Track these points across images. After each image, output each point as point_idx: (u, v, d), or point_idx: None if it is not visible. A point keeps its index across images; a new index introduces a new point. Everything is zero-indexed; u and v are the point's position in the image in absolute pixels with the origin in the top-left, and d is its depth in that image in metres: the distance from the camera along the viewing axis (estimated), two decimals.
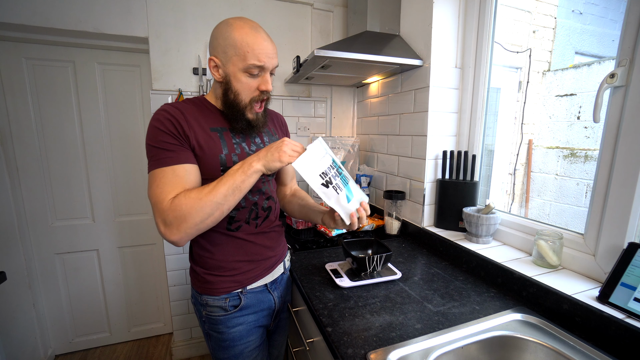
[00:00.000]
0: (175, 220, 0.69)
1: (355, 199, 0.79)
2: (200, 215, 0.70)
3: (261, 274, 0.91)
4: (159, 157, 0.73)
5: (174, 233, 0.70)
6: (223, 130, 0.83)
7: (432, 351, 0.68)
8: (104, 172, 1.73)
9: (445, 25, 1.24)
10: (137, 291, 1.90)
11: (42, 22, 1.36)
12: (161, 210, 0.70)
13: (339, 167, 0.79)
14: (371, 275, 0.99)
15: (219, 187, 0.71)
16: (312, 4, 1.72)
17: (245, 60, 0.75)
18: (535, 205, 2.42)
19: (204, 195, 0.70)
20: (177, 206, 0.69)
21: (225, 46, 0.76)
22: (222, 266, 0.85)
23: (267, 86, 0.79)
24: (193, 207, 0.69)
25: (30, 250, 1.66)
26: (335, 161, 0.79)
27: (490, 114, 1.27)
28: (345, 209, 0.77)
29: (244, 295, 0.88)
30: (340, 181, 0.77)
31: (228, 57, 0.76)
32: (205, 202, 0.70)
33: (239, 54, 0.75)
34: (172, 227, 0.70)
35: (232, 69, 0.77)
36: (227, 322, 0.87)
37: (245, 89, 0.78)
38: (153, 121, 0.75)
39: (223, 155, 0.80)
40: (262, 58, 0.76)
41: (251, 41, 0.75)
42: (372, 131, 1.73)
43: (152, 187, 0.72)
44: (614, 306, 0.72)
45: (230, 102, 0.80)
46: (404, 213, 1.45)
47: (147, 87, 1.72)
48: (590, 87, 2.14)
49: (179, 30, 1.53)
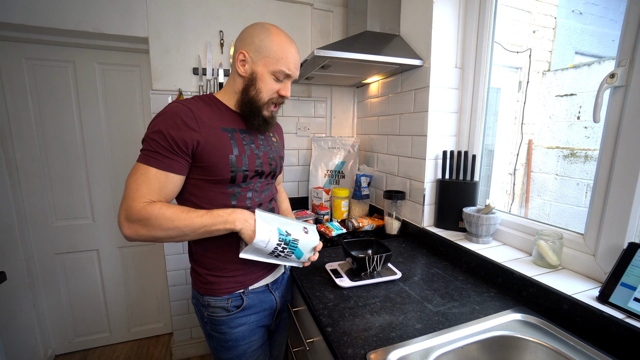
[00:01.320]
0: (139, 223, 0.71)
1: (306, 254, 0.86)
2: (162, 233, 0.72)
3: (263, 274, 0.92)
4: (149, 154, 0.73)
5: (130, 230, 0.71)
6: (234, 131, 0.84)
7: (432, 351, 0.68)
8: (104, 172, 1.73)
9: (445, 25, 1.24)
10: (137, 291, 1.90)
11: (42, 22, 1.36)
12: (130, 207, 0.71)
13: (286, 237, 0.80)
14: (371, 275, 0.99)
15: (194, 220, 0.73)
16: (312, 4, 1.72)
17: (276, 65, 0.80)
18: (535, 205, 2.42)
19: (175, 217, 0.72)
20: (147, 213, 0.70)
21: (260, 46, 0.80)
22: (225, 267, 0.85)
23: (287, 93, 0.86)
24: (161, 225, 0.71)
25: (30, 250, 1.66)
26: (281, 232, 0.79)
27: (490, 114, 1.27)
28: (299, 263, 0.88)
29: (246, 296, 0.88)
30: (289, 250, 0.82)
31: (260, 57, 0.80)
32: (174, 225, 0.72)
33: (272, 57, 0.80)
34: (132, 225, 0.71)
35: (261, 69, 0.81)
36: (230, 323, 0.87)
37: (268, 90, 0.83)
38: (158, 118, 0.75)
39: (233, 156, 0.81)
40: (292, 68, 0.83)
41: (287, 50, 0.81)
42: (372, 131, 1.73)
43: (130, 180, 0.73)
44: (614, 306, 0.72)
45: (250, 98, 0.83)
46: (404, 213, 1.45)
47: (147, 87, 1.72)
48: (590, 87, 2.14)
49: (179, 30, 1.53)
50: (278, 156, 0.97)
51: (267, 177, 0.92)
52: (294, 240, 0.81)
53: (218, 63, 1.60)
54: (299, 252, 0.84)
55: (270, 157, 0.92)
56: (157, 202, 0.72)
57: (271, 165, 0.92)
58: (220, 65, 1.59)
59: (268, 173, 0.91)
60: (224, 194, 0.82)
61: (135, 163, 0.75)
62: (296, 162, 1.87)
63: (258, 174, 0.87)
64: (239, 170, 0.82)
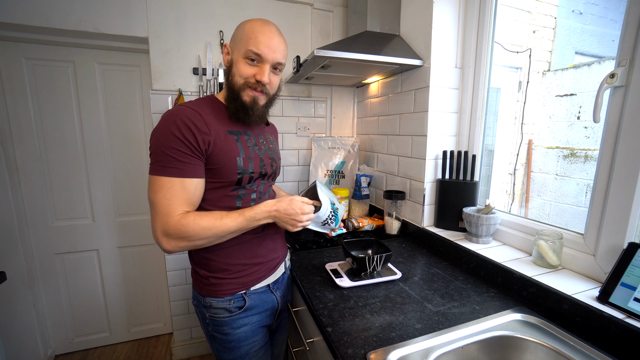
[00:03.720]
0: (177, 236, 0.73)
1: (339, 221, 0.99)
2: (201, 241, 0.76)
3: (265, 275, 0.92)
4: (167, 164, 0.72)
5: (171, 245, 0.74)
6: (239, 133, 0.84)
7: (432, 351, 0.68)
8: (104, 172, 1.73)
9: (445, 25, 1.24)
10: (137, 291, 1.90)
11: (42, 22, 1.36)
12: (166, 223, 0.72)
13: (333, 206, 0.96)
14: (371, 275, 0.99)
15: (229, 224, 0.77)
16: (312, 4, 1.72)
17: (246, 46, 0.79)
18: (535, 205, 2.42)
19: (212, 226, 0.75)
20: (183, 226, 0.72)
21: (236, 35, 0.82)
22: (228, 269, 0.85)
23: (262, 77, 0.80)
24: (198, 234, 0.74)
25: (30, 250, 1.66)
26: (332, 202, 0.96)
27: (490, 114, 1.27)
28: (330, 230, 1.00)
29: (248, 297, 0.88)
30: (333, 217, 0.95)
31: (235, 44, 0.82)
32: (211, 232, 0.75)
33: (243, 40, 0.80)
34: (171, 240, 0.73)
35: (236, 55, 0.81)
36: (232, 323, 0.87)
37: (240, 73, 0.81)
38: (169, 124, 0.73)
39: (240, 158, 0.81)
40: (262, 47, 0.78)
41: (257, 30, 0.79)
42: (372, 131, 1.73)
43: (158, 195, 0.72)
44: (614, 306, 0.72)
45: (230, 86, 0.84)
46: (404, 213, 1.45)
47: (147, 87, 1.72)
48: (590, 87, 2.14)
49: (179, 30, 1.53)
50: (277, 157, 0.98)
51: (268, 179, 0.93)
52: (337, 210, 0.94)
53: (218, 63, 1.60)
54: (337, 219, 0.96)
55: (271, 157, 0.93)
56: (189, 214, 0.74)
57: (272, 167, 0.92)
58: (220, 65, 1.59)
59: (270, 174, 0.92)
60: (229, 197, 0.83)
61: (155, 177, 0.73)
62: (296, 162, 1.87)
63: (262, 176, 0.88)
64: (246, 172, 0.82)
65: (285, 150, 1.83)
